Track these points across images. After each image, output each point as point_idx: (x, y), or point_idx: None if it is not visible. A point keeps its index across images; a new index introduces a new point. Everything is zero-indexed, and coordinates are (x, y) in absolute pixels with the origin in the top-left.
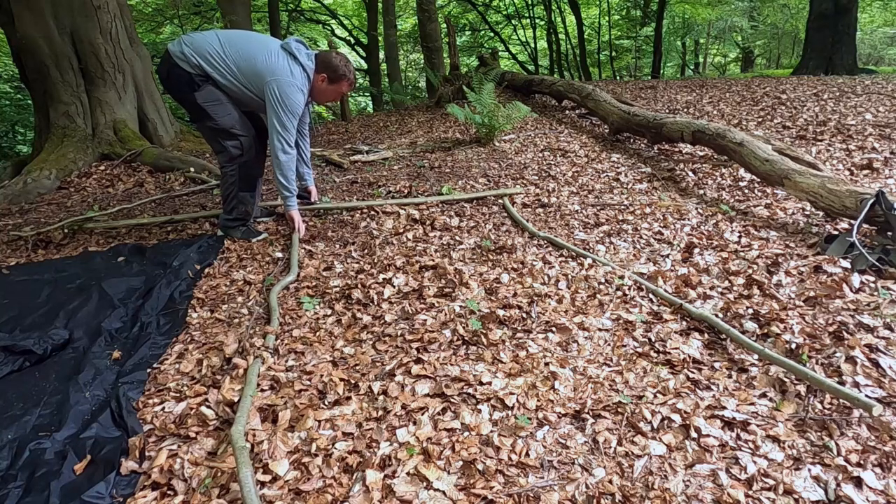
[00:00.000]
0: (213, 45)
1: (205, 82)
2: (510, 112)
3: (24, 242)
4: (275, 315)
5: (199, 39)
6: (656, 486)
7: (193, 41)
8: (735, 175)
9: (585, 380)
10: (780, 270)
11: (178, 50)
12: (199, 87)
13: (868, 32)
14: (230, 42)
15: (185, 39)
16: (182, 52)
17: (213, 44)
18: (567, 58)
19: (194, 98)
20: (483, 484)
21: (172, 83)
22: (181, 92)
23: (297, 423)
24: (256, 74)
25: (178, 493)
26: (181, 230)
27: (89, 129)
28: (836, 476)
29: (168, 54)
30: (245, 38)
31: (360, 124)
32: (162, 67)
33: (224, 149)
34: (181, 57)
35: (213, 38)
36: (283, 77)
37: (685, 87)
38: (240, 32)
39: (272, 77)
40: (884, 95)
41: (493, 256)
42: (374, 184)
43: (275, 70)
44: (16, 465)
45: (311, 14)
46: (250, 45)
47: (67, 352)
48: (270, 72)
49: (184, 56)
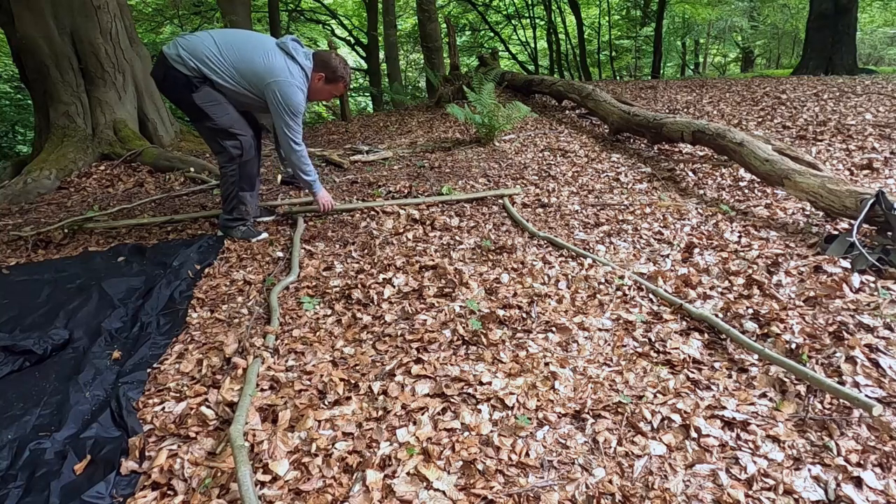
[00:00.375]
0: (210, 48)
1: (202, 84)
2: (510, 112)
3: (24, 242)
4: (275, 315)
5: (196, 42)
6: (656, 486)
7: (189, 44)
8: (735, 175)
9: (585, 380)
10: (780, 270)
11: (175, 53)
12: (196, 88)
13: (868, 32)
14: (227, 44)
15: (180, 42)
16: (179, 54)
17: (209, 46)
18: (567, 58)
19: (192, 99)
20: (483, 484)
21: (169, 85)
22: (178, 94)
23: (297, 423)
24: (255, 76)
25: (178, 493)
26: (181, 230)
27: (89, 129)
28: (836, 476)
29: (164, 57)
30: (241, 40)
31: (360, 124)
32: (157, 70)
33: (224, 149)
34: (178, 60)
35: (208, 40)
36: (282, 77)
37: (685, 87)
38: (235, 32)
39: (272, 79)
40: (884, 95)
41: (493, 256)
42: (374, 184)
43: (274, 71)
44: (16, 465)
45: (311, 14)
46: (247, 46)
47: (67, 352)
48: (270, 73)
49: (181, 59)
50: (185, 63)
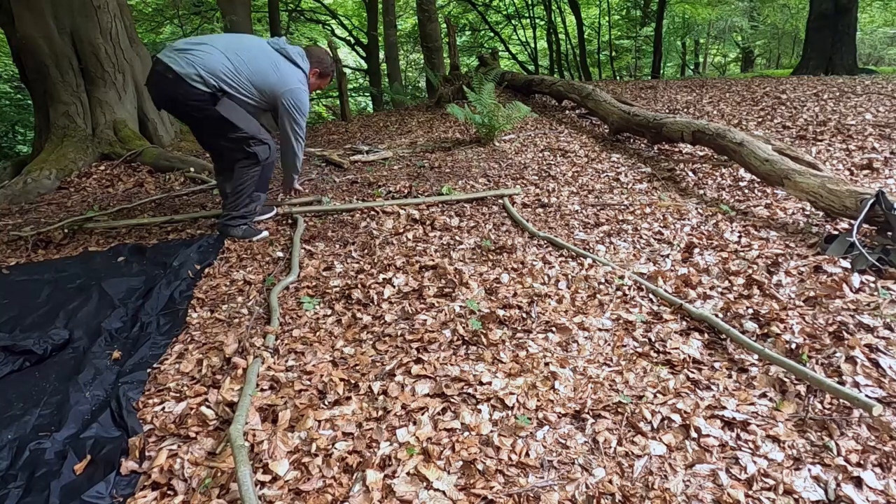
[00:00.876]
0: (225, 64)
1: (223, 95)
2: (510, 112)
3: (24, 242)
4: (275, 315)
5: (208, 59)
6: (656, 486)
7: (203, 61)
8: (735, 175)
9: (585, 380)
10: (780, 270)
11: (193, 72)
12: (219, 100)
13: (868, 32)
14: (237, 57)
15: (193, 60)
16: (199, 74)
17: (223, 62)
18: (567, 58)
19: (217, 112)
20: (483, 484)
21: (188, 103)
22: (201, 111)
23: (297, 423)
24: (270, 87)
25: (178, 493)
26: (181, 230)
27: (89, 129)
28: (836, 476)
29: (177, 76)
30: (247, 49)
31: (360, 124)
32: (168, 88)
33: (252, 154)
34: (198, 79)
35: (218, 55)
36: (294, 86)
37: (685, 87)
38: (237, 42)
39: (286, 88)
40: (884, 95)
41: (493, 256)
42: (374, 184)
43: (286, 80)
44: (16, 465)
45: (311, 14)
46: (256, 57)
47: (67, 352)
48: (283, 83)
49: (201, 78)
50: (205, 81)
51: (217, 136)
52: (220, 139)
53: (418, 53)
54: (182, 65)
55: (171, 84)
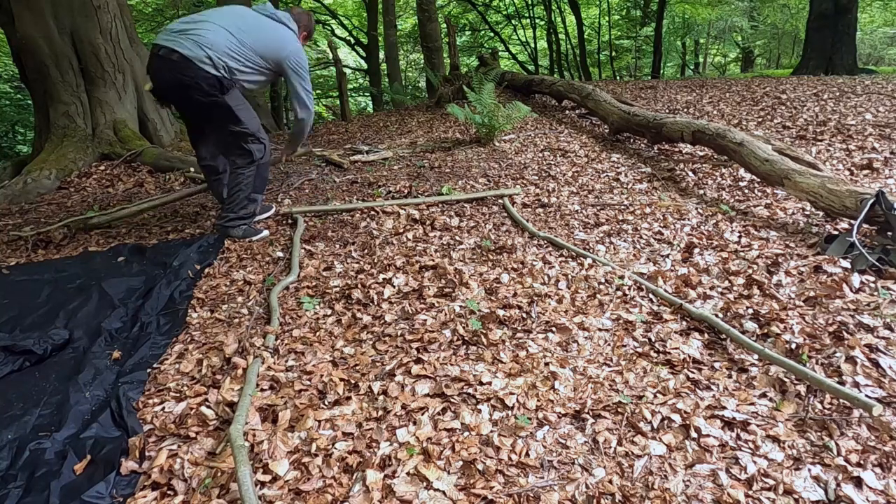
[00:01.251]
0: (230, 39)
1: (233, 86)
2: (510, 112)
3: (24, 242)
4: (275, 315)
5: (213, 38)
6: (656, 486)
7: (210, 41)
8: (735, 175)
9: (585, 380)
10: (780, 270)
11: (203, 55)
12: (228, 90)
13: (868, 32)
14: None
15: (199, 41)
16: (208, 56)
17: (228, 38)
18: (567, 58)
19: (225, 101)
20: (483, 484)
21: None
22: (209, 95)
23: (297, 423)
24: (274, 52)
25: (178, 493)
26: (181, 230)
27: (89, 129)
28: (836, 476)
29: (184, 57)
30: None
31: (360, 124)
32: (174, 71)
33: (247, 151)
34: (207, 61)
35: (221, 32)
36: (293, 45)
37: (685, 87)
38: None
39: (287, 51)
40: (884, 95)
41: (493, 256)
42: (374, 184)
43: (286, 44)
44: (16, 465)
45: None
46: (254, 26)
47: (67, 352)
48: (283, 46)
49: (210, 60)
50: (214, 63)
51: (218, 126)
52: (221, 131)
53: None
54: (188, 46)
55: (178, 67)
